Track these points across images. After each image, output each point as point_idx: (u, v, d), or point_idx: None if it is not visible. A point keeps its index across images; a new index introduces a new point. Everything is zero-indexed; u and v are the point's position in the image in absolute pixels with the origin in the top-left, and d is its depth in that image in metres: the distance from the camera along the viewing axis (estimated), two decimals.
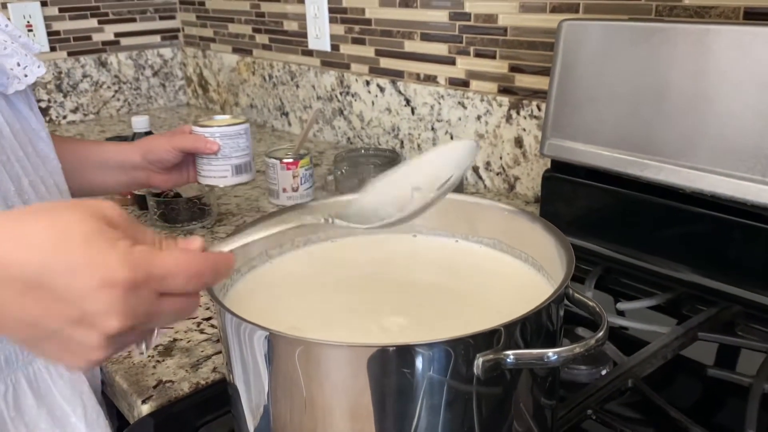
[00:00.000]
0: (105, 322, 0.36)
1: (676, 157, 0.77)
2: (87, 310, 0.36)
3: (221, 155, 0.75)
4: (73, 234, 0.37)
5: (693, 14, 0.86)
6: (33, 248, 0.36)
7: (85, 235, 0.37)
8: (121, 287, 0.36)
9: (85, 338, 0.37)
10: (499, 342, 0.42)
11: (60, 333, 0.37)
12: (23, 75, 0.69)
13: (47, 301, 0.36)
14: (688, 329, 0.68)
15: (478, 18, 1.13)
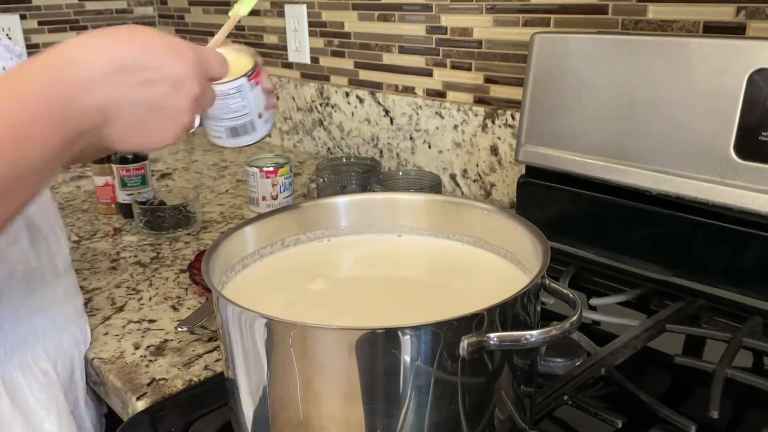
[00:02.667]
0: (189, 85, 0.49)
1: (642, 161, 0.81)
2: (177, 77, 0.48)
3: (210, 115, 0.67)
4: (146, 31, 0.49)
5: (656, 27, 0.91)
6: (126, 43, 0.47)
7: (154, 32, 0.49)
8: (191, 59, 0.49)
9: (179, 102, 0.49)
10: (482, 325, 0.46)
11: (161, 103, 0.48)
12: None
13: (149, 78, 0.47)
14: (656, 322, 0.72)
15: (454, 31, 1.18)
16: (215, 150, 1.63)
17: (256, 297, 0.57)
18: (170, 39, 0.49)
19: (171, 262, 0.97)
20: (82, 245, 1.05)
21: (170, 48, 0.49)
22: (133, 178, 1.13)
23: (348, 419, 0.47)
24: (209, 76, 0.53)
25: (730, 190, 0.74)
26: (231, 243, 0.58)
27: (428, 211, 0.67)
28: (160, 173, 1.44)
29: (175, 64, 0.48)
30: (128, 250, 1.03)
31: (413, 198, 0.69)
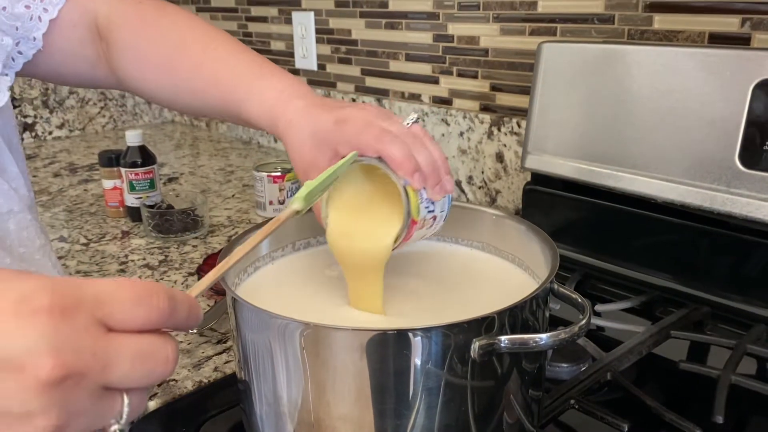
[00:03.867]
0: (35, 361, 0.26)
1: (648, 169, 0.82)
2: (5, 354, 0.26)
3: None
4: None
5: (662, 38, 0.92)
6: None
7: None
8: (45, 313, 0.27)
9: (14, 399, 0.26)
10: (493, 328, 0.46)
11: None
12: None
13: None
14: (661, 328, 0.73)
15: (460, 40, 1.19)
16: (221, 155, 1.64)
17: (269, 298, 0.58)
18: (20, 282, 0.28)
19: (179, 266, 0.98)
20: (90, 248, 1.06)
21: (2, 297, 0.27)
22: (142, 181, 1.14)
23: (359, 420, 0.48)
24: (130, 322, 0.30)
25: (735, 198, 0.75)
26: None
27: None
28: (167, 177, 1.45)
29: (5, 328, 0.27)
30: (136, 253, 1.03)
31: None
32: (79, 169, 1.52)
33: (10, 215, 0.58)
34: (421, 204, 0.53)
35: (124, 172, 1.14)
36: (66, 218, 1.20)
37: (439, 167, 0.54)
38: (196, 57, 0.64)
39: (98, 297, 0.29)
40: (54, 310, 0.27)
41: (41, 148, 1.72)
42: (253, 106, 0.61)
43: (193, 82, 0.64)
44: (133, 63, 0.66)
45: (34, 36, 0.61)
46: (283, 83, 0.61)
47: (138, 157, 1.15)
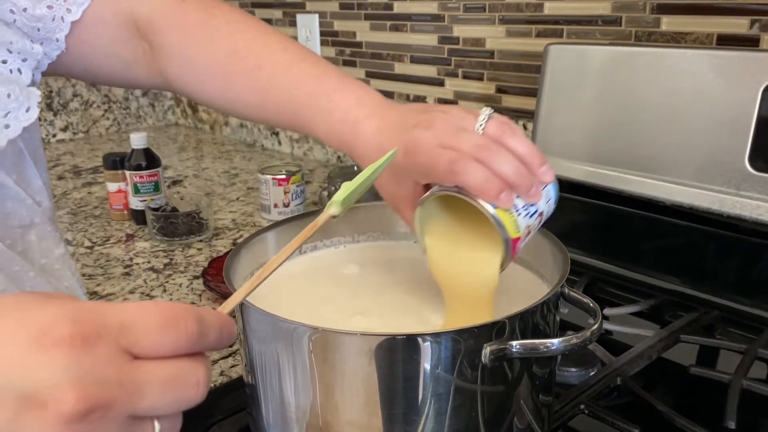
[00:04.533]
0: (57, 396, 0.25)
1: (657, 172, 0.82)
2: (27, 389, 0.25)
3: None
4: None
5: (670, 39, 0.92)
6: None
7: (8, 303, 0.28)
8: (67, 343, 0.26)
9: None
10: (503, 333, 0.46)
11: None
12: (3, 127, 0.51)
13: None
14: (671, 332, 0.72)
15: (466, 42, 1.19)
16: (225, 157, 1.64)
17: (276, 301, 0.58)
18: (39, 311, 0.27)
19: (184, 269, 0.98)
20: (95, 251, 1.05)
21: (22, 330, 0.27)
22: (147, 184, 1.14)
23: (368, 425, 0.48)
24: (156, 348, 0.29)
25: (745, 201, 0.74)
26: (251, 248, 0.59)
27: None
28: (171, 180, 1.45)
29: (26, 364, 0.26)
30: (141, 256, 1.03)
31: None
32: (83, 172, 1.52)
33: (32, 227, 0.58)
34: (519, 216, 0.49)
35: (129, 174, 1.14)
36: (70, 221, 1.20)
37: (528, 166, 0.49)
38: (252, 65, 0.60)
39: (122, 324, 0.28)
40: (75, 341, 0.26)
41: (45, 151, 1.72)
42: (319, 129, 0.57)
43: (249, 94, 0.61)
44: (182, 69, 0.63)
45: (57, 37, 0.59)
46: (348, 101, 0.56)
47: (143, 159, 1.14)
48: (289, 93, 0.58)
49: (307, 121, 0.57)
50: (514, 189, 0.48)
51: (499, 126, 0.50)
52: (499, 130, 0.50)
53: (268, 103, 0.60)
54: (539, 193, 0.50)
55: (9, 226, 0.56)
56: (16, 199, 0.56)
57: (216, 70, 0.61)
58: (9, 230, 0.56)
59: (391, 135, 0.52)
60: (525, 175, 0.48)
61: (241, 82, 0.60)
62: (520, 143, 0.49)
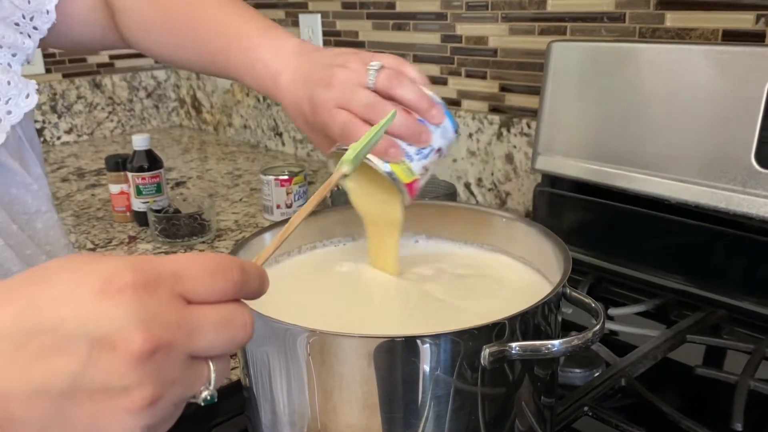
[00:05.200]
0: (126, 337, 0.27)
1: (661, 169, 0.81)
2: (97, 334, 0.27)
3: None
4: (47, 266, 0.30)
5: (674, 35, 0.90)
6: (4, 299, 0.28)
7: (67, 261, 0.30)
8: (131, 289, 0.28)
9: (112, 374, 0.27)
10: (503, 335, 0.45)
11: (79, 385, 0.27)
12: (5, 113, 0.54)
13: (43, 349, 0.27)
14: (677, 332, 0.71)
15: (469, 40, 1.18)
16: (228, 158, 1.64)
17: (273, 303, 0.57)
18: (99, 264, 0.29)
19: None
20: (97, 252, 1.05)
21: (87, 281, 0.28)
22: (149, 186, 1.14)
23: (366, 429, 0.47)
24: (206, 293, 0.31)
25: (751, 199, 0.73)
26: (249, 250, 0.58)
27: (445, 218, 0.67)
28: (174, 182, 1.45)
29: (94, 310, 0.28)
30: None
31: (430, 205, 0.68)
32: (86, 174, 1.52)
33: (38, 215, 0.60)
34: (413, 162, 0.54)
35: (131, 176, 1.14)
36: (74, 223, 1.19)
37: (418, 112, 0.54)
38: (193, 24, 0.65)
39: (177, 272, 0.30)
40: (138, 287, 0.28)
41: (50, 153, 1.72)
42: (248, 81, 0.62)
43: (192, 52, 0.66)
44: (136, 27, 0.68)
45: (47, 9, 0.61)
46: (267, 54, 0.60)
47: (145, 161, 1.14)
48: (222, 50, 0.63)
49: (239, 74, 0.63)
50: (403, 139, 0.53)
51: (388, 77, 0.54)
52: (388, 81, 0.54)
53: (208, 59, 0.65)
54: (429, 138, 0.55)
55: (15, 212, 0.57)
56: (22, 185, 0.58)
57: (162, 26, 0.66)
58: (16, 216, 0.57)
59: (300, 88, 0.57)
60: (412, 126, 0.53)
61: (183, 38, 0.66)
62: (407, 92, 0.54)
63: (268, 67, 0.60)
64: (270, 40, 0.61)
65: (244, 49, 0.61)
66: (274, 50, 0.60)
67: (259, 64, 0.60)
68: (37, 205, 0.60)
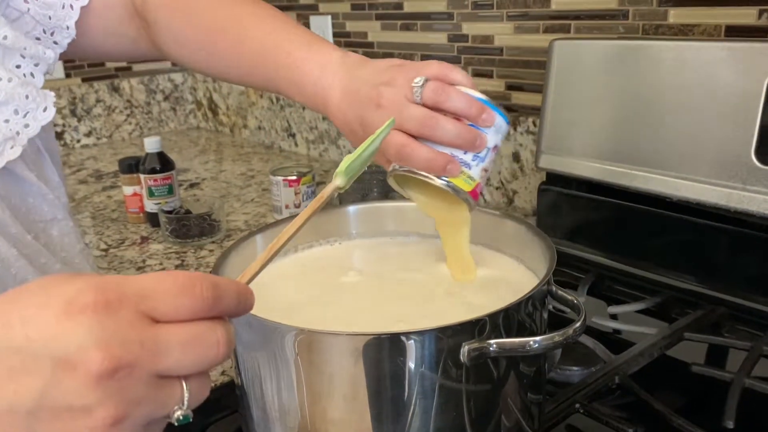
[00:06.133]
0: (85, 357, 0.28)
1: (663, 167, 0.80)
2: (60, 354, 0.28)
3: None
4: (25, 287, 0.30)
5: (677, 32, 0.90)
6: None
7: (41, 282, 0.31)
8: (91, 309, 0.28)
9: (73, 394, 0.28)
10: (484, 331, 0.46)
11: (44, 404, 0.28)
12: (23, 127, 0.54)
13: (12, 368, 0.28)
14: (674, 330, 0.71)
15: (475, 39, 1.18)
16: (243, 159, 1.66)
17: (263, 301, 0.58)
18: (65, 285, 0.30)
19: (195, 270, 0.99)
20: (110, 253, 1.08)
21: (51, 301, 0.29)
22: (161, 187, 1.16)
23: (354, 425, 0.48)
24: (173, 313, 0.31)
25: (752, 196, 0.73)
26: (242, 252, 0.59)
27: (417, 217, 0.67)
28: (189, 183, 1.47)
29: (55, 330, 0.28)
30: (154, 258, 1.05)
31: (402, 206, 0.69)
32: (104, 176, 1.55)
33: (54, 222, 0.61)
34: (471, 169, 0.55)
35: (143, 178, 1.16)
36: (89, 224, 1.22)
37: (470, 119, 0.53)
38: (233, 40, 0.64)
39: (141, 291, 0.30)
40: (99, 307, 0.29)
41: (70, 156, 1.76)
42: (298, 99, 0.62)
43: (233, 67, 0.66)
44: (173, 44, 0.68)
45: (67, 24, 0.62)
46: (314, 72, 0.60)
47: (156, 163, 1.16)
48: (268, 67, 0.63)
49: (287, 92, 0.63)
50: (460, 148, 0.54)
51: (434, 91, 0.53)
52: (435, 95, 0.53)
53: (252, 76, 0.65)
54: (484, 142, 0.55)
55: (32, 221, 0.59)
56: (38, 195, 0.59)
57: (201, 44, 0.66)
58: (32, 224, 0.59)
59: (350, 109, 0.58)
60: (465, 135, 0.53)
61: (224, 57, 0.66)
62: (456, 101, 0.53)
63: (316, 85, 0.59)
64: (315, 55, 0.60)
65: (289, 67, 0.61)
66: (320, 67, 0.59)
67: (305, 81, 0.60)
68: (53, 213, 0.61)
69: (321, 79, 0.59)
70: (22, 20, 0.60)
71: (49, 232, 0.61)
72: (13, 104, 0.53)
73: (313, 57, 0.60)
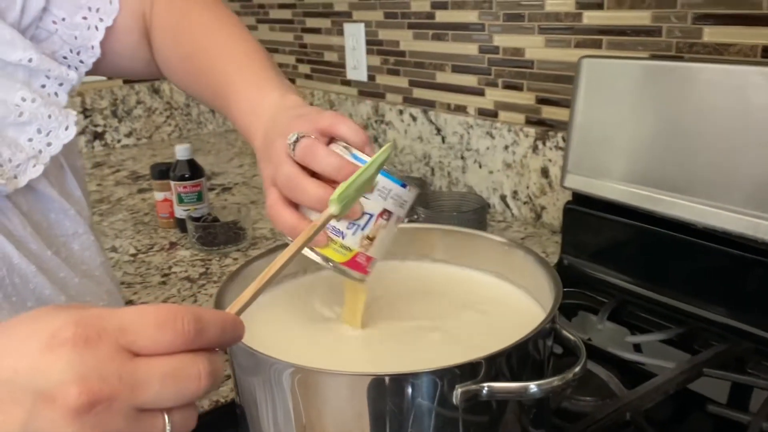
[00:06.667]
0: (63, 391, 0.29)
1: (689, 192, 0.78)
2: (39, 387, 0.29)
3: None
4: (17, 318, 0.32)
5: (712, 51, 0.87)
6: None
7: (31, 314, 0.32)
8: (71, 344, 0.29)
9: (52, 427, 0.29)
10: (480, 373, 0.45)
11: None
12: (45, 145, 0.56)
13: (0, 399, 0.29)
14: (693, 364, 0.69)
15: (506, 51, 1.16)
16: None
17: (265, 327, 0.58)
18: (49, 319, 0.31)
19: (218, 278, 1.01)
20: (138, 258, 1.10)
21: (35, 335, 0.30)
22: (190, 194, 1.18)
23: None
24: (153, 346, 0.32)
25: None
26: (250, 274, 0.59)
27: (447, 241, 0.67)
28: (221, 187, 1.49)
29: (36, 364, 0.30)
30: (180, 264, 1.07)
31: (434, 230, 0.68)
32: (139, 179, 1.58)
33: (75, 237, 0.62)
34: (345, 238, 0.50)
35: (173, 184, 1.18)
36: (121, 227, 1.25)
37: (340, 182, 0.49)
38: (205, 67, 0.66)
39: (121, 325, 0.31)
40: (78, 341, 0.29)
41: (110, 156, 1.81)
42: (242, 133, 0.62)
43: (204, 91, 0.67)
44: (163, 65, 0.70)
45: (92, 45, 0.64)
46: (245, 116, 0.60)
47: (186, 170, 1.18)
48: (222, 100, 0.64)
49: (235, 125, 0.63)
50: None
51: (302, 150, 0.50)
52: (303, 154, 0.50)
53: (214, 102, 0.66)
54: (358, 209, 0.50)
55: (53, 236, 0.60)
56: (60, 210, 0.60)
57: (180, 68, 0.68)
58: (54, 239, 0.60)
59: (260, 158, 0.56)
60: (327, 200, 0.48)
61: (196, 84, 0.68)
62: (322, 162, 0.49)
63: (248, 126, 0.59)
64: (252, 96, 0.60)
65: (233, 102, 0.61)
66: (251, 109, 0.59)
67: (241, 121, 0.60)
68: (74, 228, 0.62)
69: (252, 121, 0.58)
70: (51, 40, 0.62)
71: (70, 246, 0.62)
72: (36, 124, 0.55)
73: (250, 97, 0.60)
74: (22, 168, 0.54)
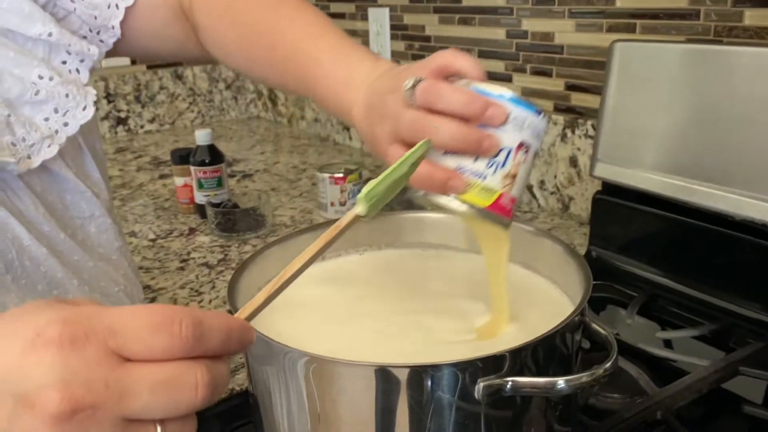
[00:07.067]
0: (44, 396, 0.26)
1: (726, 183, 0.74)
2: (21, 389, 0.27)
3: None
4: (6, 313, 0.30)
5: (753, 35, 0.83)
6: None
7: (19, 309, 0.29)
8: (55, 345, 0.27)
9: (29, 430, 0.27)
10: (504, 367, 0.42)
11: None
12: (62, 125, 0.54)
13: None
14: (729, 362, 0.65)
15: (535, 36, 1.13)
16: (298, 151, 1.65)
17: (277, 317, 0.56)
18: (36, 316, 0.29)
19: (236, 265, 0.99)
20: (157, 243, 1.09)
21: (19, 333, 0.28)
22: (210, 179, 1.17)
23: None
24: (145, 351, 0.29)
25: None
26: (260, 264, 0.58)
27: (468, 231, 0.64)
28: (242, 174, 1.48)
29: (18, 364, 0.27)
30: (198, 250, 1.05)
31: (441, 217, 0.66)
32: (161, 164, 1.58)
33: (92, 219, 0.61)
34: (485, 180, 0.46)
35: (194, 170, 1.17)
36: (141, 212, 1.24)
37: (471, 119, 0.45)
38: (268, 45, 0.63)
39: (111, 327, 0.28)
40: (64, 342, 0.27)
41: (133, 141, 1.80)
42: (330, 110, 0.61)
43: (269, 71, 0.65)
44: (216, 46, 0.68)
45: (112, 24, 0.62)
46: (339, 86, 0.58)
47: (207, 155, 1.17)
48: (297, 76, 0.61)
49: (317, 102, 0.62)
50: (463, 152, 0.46)
51: (424, 92, 0.46)
52: (425, 96, 0.46)
53: (285, 83, 0.65)
54: (495, 142, 0.46)
55: (69, 218, 0.59)
56: (76, 192, 0.59)
57: (240, 49, 0.66)
58: (69, 221, 0.59)
59: (368, 125, 0.54)
60: (466, 137, 0.45)
61: (260, 62, 0.65)
62: (447, 100, 0.45)
63: (342, 99, 0.57)
64: (342, 69, 0.57)
65: (316, 78, 0.59)
66: (344, 82, 0.57)
67: (329, 96, 0.58)
68: (90, 210, 0.60)
69: (345, 92, 0.56)
70: (69, 19, 0.60)
71: (86, 229, 0.61)
72: (53, 103, 0.54)
73: (340, 71, 0.57)
74: (36, 148, 0.52)
